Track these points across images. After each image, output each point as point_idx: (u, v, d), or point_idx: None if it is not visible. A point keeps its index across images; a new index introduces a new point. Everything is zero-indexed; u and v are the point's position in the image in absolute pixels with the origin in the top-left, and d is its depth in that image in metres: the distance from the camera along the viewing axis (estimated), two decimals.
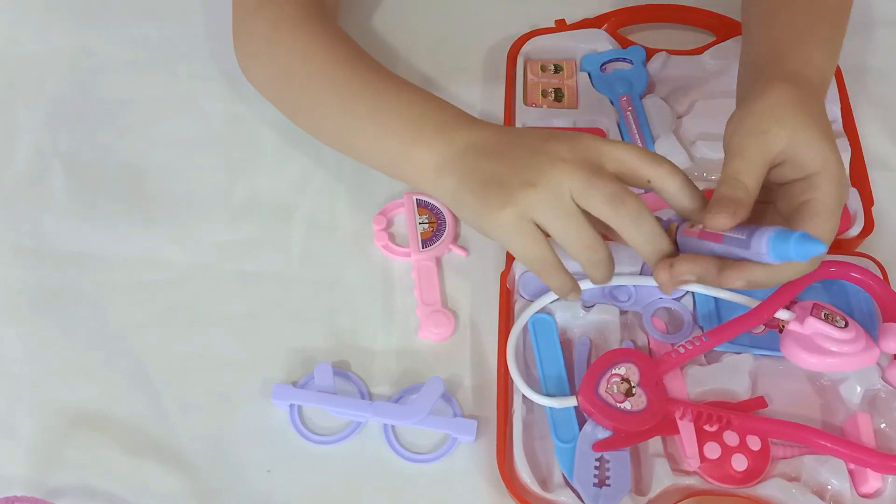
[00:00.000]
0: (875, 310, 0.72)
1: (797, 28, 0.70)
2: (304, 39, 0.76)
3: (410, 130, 0.69)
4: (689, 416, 0.66)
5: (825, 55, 0.69)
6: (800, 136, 0.60)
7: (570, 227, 0.62)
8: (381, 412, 0.69)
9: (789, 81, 0.63)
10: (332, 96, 0.74)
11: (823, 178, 0.59)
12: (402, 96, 0.71)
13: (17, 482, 0.68)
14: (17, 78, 0.91)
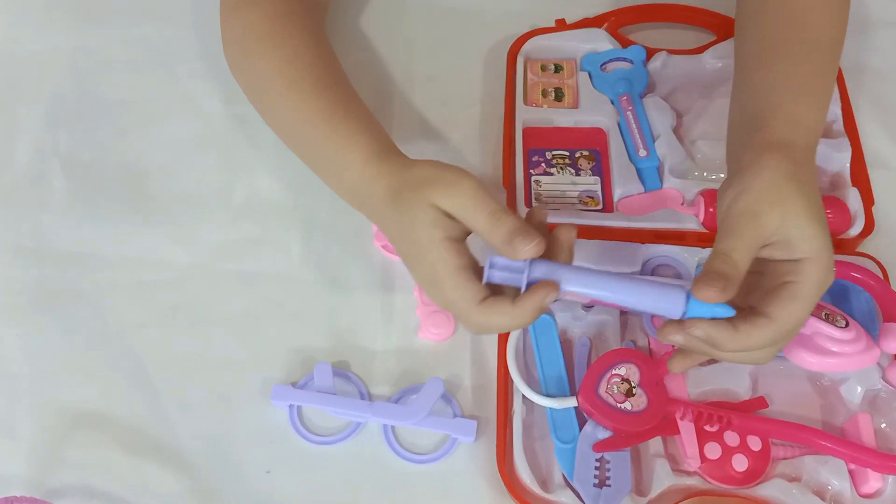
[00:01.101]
0: (875, 310, 0.72)
1: (788, 82, 0.69)
2: (269, 53, 0.75)
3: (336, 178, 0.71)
4: (689, 417, 0.66)
5: (816, 109, 0.69)
6: (791, 220, 0.60)
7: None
8: (380, 412, 0.69)
9: (782, 153, 0.63)
10: (287, 118, 0.74)
11: (811, 264, 0.59)
12: (330, 147, 0.71)
13: (16, 482, 0.68)
14: (17, 78, 0.91)
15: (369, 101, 0.87)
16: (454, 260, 0.61)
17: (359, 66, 0.91)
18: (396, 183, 0.65)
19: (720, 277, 0.58)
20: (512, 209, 0.77)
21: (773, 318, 0.59)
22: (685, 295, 0.59)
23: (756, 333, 0.59)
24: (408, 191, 0.63)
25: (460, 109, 0.87)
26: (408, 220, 0.63)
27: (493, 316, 0.60)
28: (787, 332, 0.60)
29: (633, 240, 0.76)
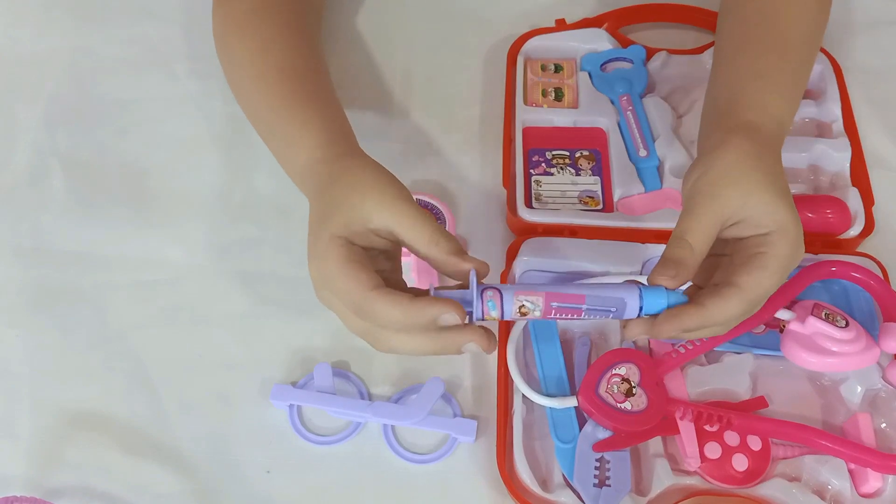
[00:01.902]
0: (875, 309, 0.72)
1: (757, 71, 0.69)
2: (243, 43, 0.75)
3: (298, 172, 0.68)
4: (689, 416, 0.66)
5: (784, 100, 0.68)
6: (754, 198, 0.60)
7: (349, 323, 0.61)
8: (380, 412, 0.69)
9: (745, 135, 0.63)
10: (255, 105, 0.74)
11: (778, 236, 0.59)
12: (295, 144, 0.69)
13: (16, 482, 0.68)
14: (17, 78, 0.91)
15: (369, 101, 0.88)
16: (348, 254, 0.58)
17: (359, 66, 0.91)
18: (336, 172, 0.64)
19: (672, 264, 0.58)
20: (512, 209, 0.78)
21: (741, 286, 0.58)
22: (638, 292, 0.58)
23: (725, 306, 0.58)
24: (339, 188, 0.61)
25: (460, 109, 0.87)
26: (327, 214, 0.61)
27: (385, 306, 0.56)
28: (753, 302, 0.59)
29: (633, 240, 0.76)
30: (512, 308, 0.57)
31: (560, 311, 0.58)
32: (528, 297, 0.57)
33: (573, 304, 0.58)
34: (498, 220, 0.80)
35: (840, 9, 0.94)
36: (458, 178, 0.83)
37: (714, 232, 0.60)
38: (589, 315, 0.58)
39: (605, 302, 0.58)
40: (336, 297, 0.60)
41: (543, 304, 0.57)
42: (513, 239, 0.77)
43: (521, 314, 0.58)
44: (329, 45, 0.92)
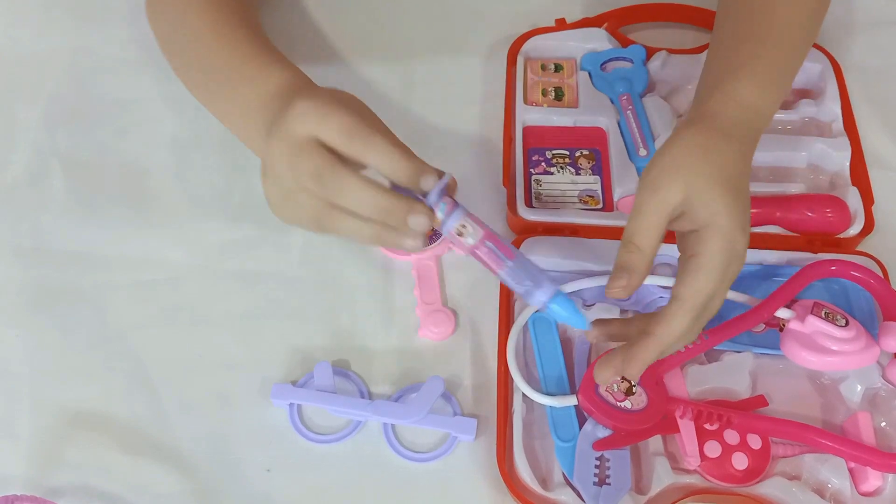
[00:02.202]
0: (875, 308, 0.72)
1: (733, 60, 0.68)
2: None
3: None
4: (689, 415, 0.66)
5: (760, 88, 0.66)
6: (693, 188, 0.58)
7: (300, 163, 0.59)
8: (380, 411, 0.69)
9: (700, 125, 0.62)
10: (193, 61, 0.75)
11: (710, 232, 0.58)
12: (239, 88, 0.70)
13: (16, 482, 0.68)
14: (16, 77, 0.91)
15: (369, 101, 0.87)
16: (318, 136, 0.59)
17: (359, 66, 0.91)
18: (296, 84, 0.65)
19: (624, 273, 0.58)
20: (512, 208, 0.78)
21: (681, 298, 0.58)
22: (551, 293, 0.59)
23: (671, 325, 0.58)
24: (304, 95, 0.61)
25: (460, 109, 0.87)
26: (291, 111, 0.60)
27: (358, 183, 0.57)
28: (699, 310, 0.58)
29: None
30: (456, 222, 0.59)
31: (487, 254, 0.59)
32: (473, 224, 0.59)
33: (501, 255, 0.59)
34: (498, 220, 0.80)
35: (840, 9, 0.94)
36: (458, 177, 0.82)
37: (660, 227, 0.59)
38: (503, 277, 0.60)
39: (523, 277, 0.59)
40: (292, 172, 0.59)
41: (480, 238, 0.59)
42: (513, 238, 0.77)
43: (458, 233, 0.59)
44: (329, 45, 0.92)
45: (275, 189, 0.61)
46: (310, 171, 0.58)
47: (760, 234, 0.76)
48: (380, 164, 0.58)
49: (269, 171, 0.61)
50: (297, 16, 0.95)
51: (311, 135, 0.59)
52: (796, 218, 0.76)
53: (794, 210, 0.77)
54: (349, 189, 0.58)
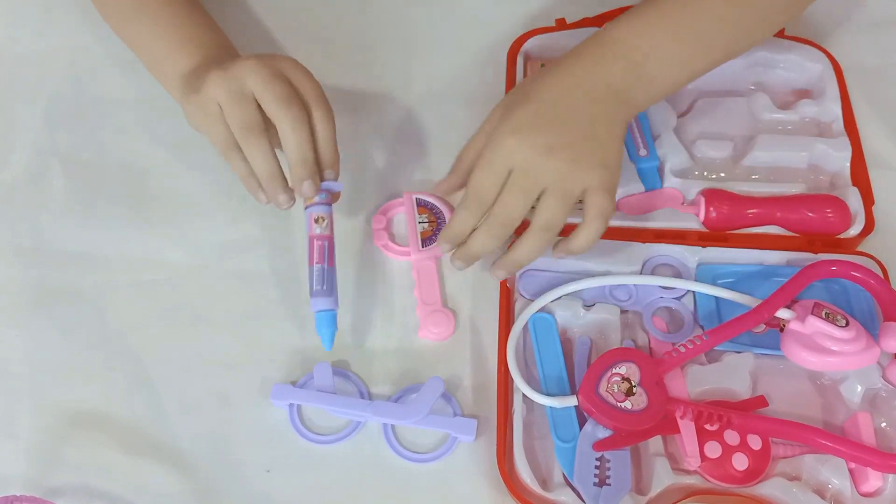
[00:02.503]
0: (875, 309, 0.72)
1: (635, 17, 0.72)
2: None
3: (174, 45, 0.78)
4: (689, 416, 0.66)
5: (650, 32, 0.70)
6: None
7: (236, 108, 0.70)
8: (380, 412, 0.69)
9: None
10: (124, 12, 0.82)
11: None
12: (178, 14, 0.80)
13: (16, 482, 0.68)
14: (17, 77, 0.91)
15: (369, 101, 0.88)
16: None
17: (359, 66, 0.91)
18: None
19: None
20: None
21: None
22: (321, 307, 0.70)
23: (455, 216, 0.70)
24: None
25: (460, 109, 0.87)
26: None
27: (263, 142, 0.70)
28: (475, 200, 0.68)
29: (633, 239, 0.76)
30: (320, 211, 0.72)
31: (319, 248, 0.71)
32: (328, 223, 0.72)
33: (325, 256, 0.71)
34: None
35: (840, 9, 0.94)
36: None
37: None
38: (313, 271, 0.71)
39: (323, 282, 0.70)
40: (227, 108, 0.70)
41: (324, 235, 0.72)
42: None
43: (315, 219, 0.72)
44: (329, 45, 0.92)
45: (197, 108, 0.72)
46: (242, 120, 0.70)
47: (761, 234, 0.76)
48: (320, 133, 0.72)
49: (202, 93, 0.71)
50: (297, 16, 0.94)
51: (251, 90, 0.70)
52: (797, 218, 0.76)
53: (795, 210, 0.77)
54: (258, 152, 0.70)
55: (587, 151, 0.67)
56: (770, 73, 0.86)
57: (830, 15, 0.93)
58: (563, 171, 0.66)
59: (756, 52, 0.85)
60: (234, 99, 0.70)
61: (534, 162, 0.66)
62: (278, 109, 0.69)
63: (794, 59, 0.85)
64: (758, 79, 0.87)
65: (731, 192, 0.78)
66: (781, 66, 0.86)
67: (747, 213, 0.77)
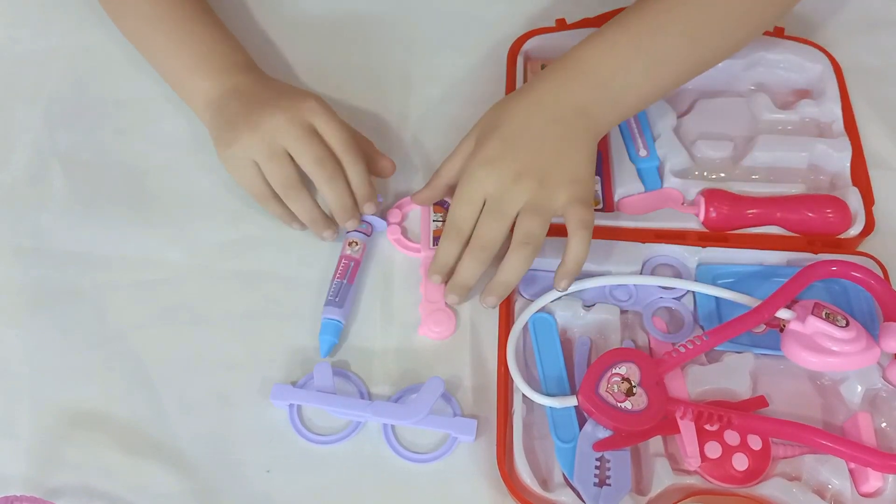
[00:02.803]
0: (875, 309, 0.72)
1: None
2: None
3: (195, 63, 0.80)
4: (689, 416, 0.66)
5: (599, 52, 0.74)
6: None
7: (274, 167, 0.75)
8: (380, 412, 0.69)
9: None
10: (146, 7, 0.83)
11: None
12: (198, 30, 0.82)
13: (16, 482, 0.68)
14: (17, 77, 0.91)
15: (370, 101, 0.88)
16: None
17: (359, 67, 0.91)
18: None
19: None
20: None
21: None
22: (329, 316, 0.74)
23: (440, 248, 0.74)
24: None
25: (460, 109, 0.87)
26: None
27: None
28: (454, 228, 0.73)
29: (633, 239, 0.76)
30: (355, 237, 0.78)
31: (345, 265, 0.77)
32: (360, 249, 0.78)
33: (348, 274, 0.76)
34: None
35: (840, 9, 0.94)
36: None
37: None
38: (334, 283, 0.76)
39: (338, 294, 0.75)
40: (294, 145, 0.75)
41: (353, 258, 0.77)
42: None
43: (349, 242, 0.78)
44: (329, 45, 0.92)
45: (232, 163, 0.77)
46: (281, 178, 0.75)
47: (760, 234, 0.76)
48: (352, 177, 0.76)
49: (236, 151, 0.75)
50: (297, 16, 0.94)
51: (284, 148, 0.75)
52: (797, 218, 0.76)
53: (795, 210, 0.77)
54: (300, 204, 0.77)
55: (556, 171, 0.71)
56: (770, 73, 0.86)
57: (830, 15, 0.93)
58: (533, 192, 0.70)
59: (756, 52, 0.85)
60: (270, 159, 0.75)
61: (505, 189, 0.71)
62: (314, 170, 0.75)
63: (794, 59, 0.85)
64: (758, 79, 0.87)
65: (731, 193, 0.78)
66: (781, 66, 0.86)
67: (747, 213, 0.77)
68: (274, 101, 0.76)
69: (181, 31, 0.81)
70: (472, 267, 0.72)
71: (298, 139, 0.74)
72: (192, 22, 0.81)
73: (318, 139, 0.75)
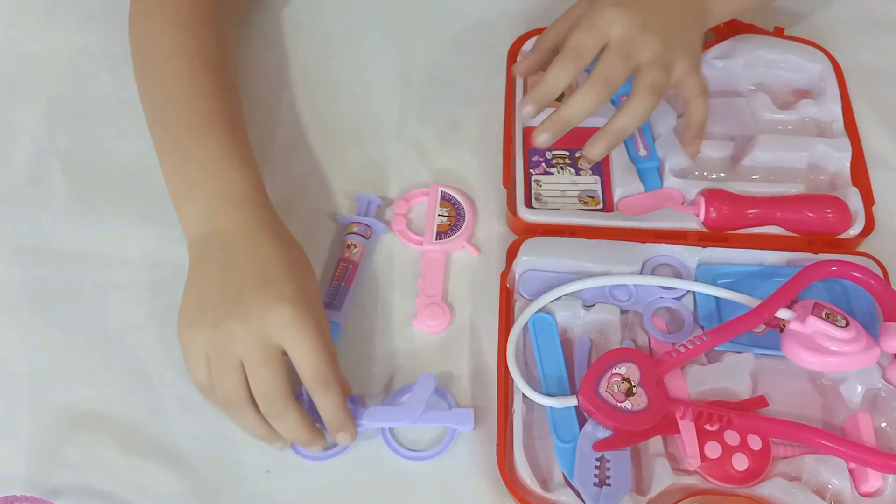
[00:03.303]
0: (875, 309, 0.72)
1: None
2: (165, 44, 0.77)
3: (185, 192, 0.71)
4: (689, 416, 0.66)
5: None
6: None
7: (220, 376, 0.65)
8: (375, 417, 0.68)
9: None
10: (158, 117, 0.76)
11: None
12: (195, 154, 0.72)
13: (16, 482, 0.68)
14: (17, 77, 0.91)
15: (370, 102, 0.88)
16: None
17: (359, 66, 0.91)
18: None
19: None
20: (512, 209, 0.78)
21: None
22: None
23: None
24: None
25: (460, 109, 0.87)
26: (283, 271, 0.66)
27: (298, 416, 0.65)
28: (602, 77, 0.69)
29: (633, 239, 0.76)
30: (356, 240, 0.77)
31: (342, 268, 0.76)
32: (359, 247, 0.77)
33: (345, 273, 0.76)
34: (498, 220, 0.80)
35: (840, 9, 0.94)
36: (458, 177, 0.83)
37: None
38: (331, 284, 0.75)
39: (333, 295, 0.74)
40: (249, 364, 0.64)
41: (353, 255, 0.77)
42: (513, 239, 0.77)
43: (347, 245, 0.77)
44: (329, 45, 0.92)
45: (214, 347, 0.65)
46: (266, 385, 0.64)
47: (761, 234, 0.76)
48: (322, 410, 0.65)
49: (221, 332, 0.64)
50: (297, 16, 0.94)
51: (282, 346, 0.64)
52: (796, 218, 0.76)
53: (795, 210, 0.77)
54: (288, 422, 0.65)
55: (678, 38, 0.71)
56: (770, 73, 0.86)
57: (830, 15, 0.93)
58: (659, 49, 0.69)
59: (756, 52, 0.85)
60: (218, 366, 0.64)
61: (633, 35, 0.69)
62: (262, 405, 0.65)
63: (794, 59, 0.86)
64: (758, 79, 0.87)
65: (731, 192, 0.78)
66: (781, 66, 0.86)
67: (747, 213, 0.77)
68: (243, 298, 0.64)
69: (177, 157, 0.73)
70: (585, 101, 0.68)
71: (252, 359, 0.63)
72: (185, 147, 0.73)
73: (275, 365, 0.64)
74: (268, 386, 0.63)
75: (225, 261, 0.67)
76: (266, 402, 0.64)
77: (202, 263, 0.68)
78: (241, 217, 0.68)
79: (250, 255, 0.67)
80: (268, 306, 0.63)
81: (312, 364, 0.64)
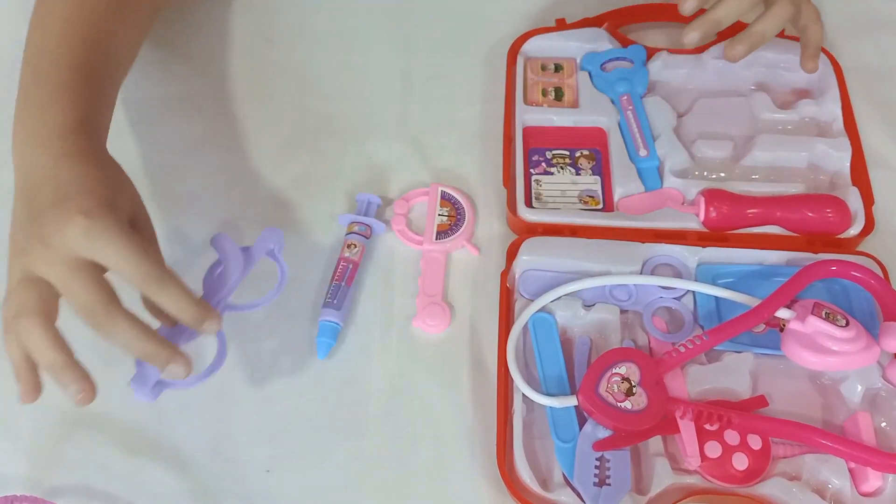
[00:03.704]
0: (875, 308, 0.72)
1: None
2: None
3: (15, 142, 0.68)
4: (689, 416, 0.65)
5: None
6: None
7: (22, 292, 0.61)
8: None
9: None
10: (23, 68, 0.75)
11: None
12: (30, 102, 0.70)
13: (16, 481, 0.68)
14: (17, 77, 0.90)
15: (370, 101, 0.88)
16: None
17: (359, 66, 0.91)
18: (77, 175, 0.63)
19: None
20: (512, 209, 0.78)
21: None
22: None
23: None
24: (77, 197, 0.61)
25: (460, 109, 0.87)
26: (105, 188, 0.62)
27: (130, 322, 0.60)
28: None
29: (633, 239, 0.76)
30: (356, 240, 0.77)
31: (342, 268, 0.76)
32: (359, 247, 0.77)
33: (345, 272, 0.76)
34: (498, 220, 0.80)
35: (840, 9, 0.94)
36: (458, 177, 0.83)
37: None
38: (331, 284, 0.75)
39: (333, 295, 0.74)
40: (62, 288, 0.59)
41: (352, 254, 0.77)
42: (513, 238, 0.77)
43: (347, 245, 0.77)
44: (329, 44, 0.92)
45: (20, 266, 0.61)
46: (80, 297, 0.59)
47: (760, 234, 0.76)
48: (170, 308, 0.61)
49: (26, 271, 0.60)
50: (296, 16, 0.94)
51: (91, 259, 0.59)
52: (796, 218, 0.76)
53: (795, 210, 0.77)
54: (120, 330, 0.60)
55: None
56: (770, 73, 0.86)
57: (830, 15, 0.93)
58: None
59: (756, 51, 0.85)
60: (69, 275, 0.59)
61: None
62: (86, 321, 0.60)
63: (794, 59, 0.85)
64: (758, 78, 0.87)
65: (731, 192, 0.78)
66: (781, 66, 0.86)
67: (747, 212, 0.77)
68: (40, 220, 0.60)
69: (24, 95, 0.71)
70: (740, 3, 0.74)
71: (59, 278, 0.59)
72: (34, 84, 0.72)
73: (85, 276, 0.59)
74: (82, 297, 0.59)
75: (28, 193, 0.63)
76: (87, 315, 0.59)
77: (14, 206, 0.64)
78: (44, 151, 0.65)
79: (49, 178, 0.63)
80: (62, 221, 0.59)
81: (133, 267, 0.59)
